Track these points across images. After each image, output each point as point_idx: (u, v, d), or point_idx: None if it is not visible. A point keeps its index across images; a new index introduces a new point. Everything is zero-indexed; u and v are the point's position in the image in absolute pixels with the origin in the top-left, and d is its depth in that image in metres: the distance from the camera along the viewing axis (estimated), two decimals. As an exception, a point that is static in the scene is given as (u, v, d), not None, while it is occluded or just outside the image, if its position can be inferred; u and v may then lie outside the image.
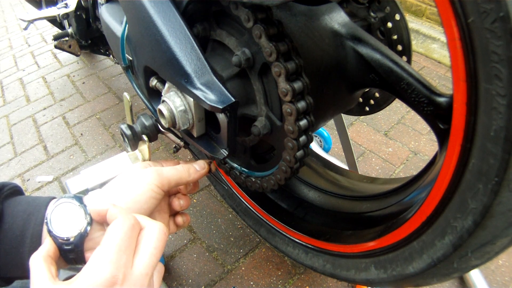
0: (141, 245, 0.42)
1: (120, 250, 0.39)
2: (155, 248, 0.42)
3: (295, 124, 0.51)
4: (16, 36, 2.64)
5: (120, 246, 0.40)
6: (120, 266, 0.38)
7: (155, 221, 0.45)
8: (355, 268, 0.62)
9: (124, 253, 0.40)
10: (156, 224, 0.44)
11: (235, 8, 0.48)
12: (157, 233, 0.43)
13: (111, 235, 0.40)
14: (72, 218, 0.45)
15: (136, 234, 0.43)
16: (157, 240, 0.43)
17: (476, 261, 0.43)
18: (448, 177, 0.40)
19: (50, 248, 0.42)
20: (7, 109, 1.86)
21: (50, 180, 1.40)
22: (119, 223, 0.42)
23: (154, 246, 0.42)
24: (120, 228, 0.41)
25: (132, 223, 0.42)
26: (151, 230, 0.44)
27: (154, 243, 0.42)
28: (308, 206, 0.82)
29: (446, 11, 0.32)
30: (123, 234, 0.41)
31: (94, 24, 1.32)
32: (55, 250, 0.43)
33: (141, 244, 0.42)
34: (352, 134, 1.46)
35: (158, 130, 0.67)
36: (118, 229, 0.41)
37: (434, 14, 1.95)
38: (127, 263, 0.39)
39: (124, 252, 0.40)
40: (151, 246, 0.42)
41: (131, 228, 0.42)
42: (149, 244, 0.42)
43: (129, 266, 0.39)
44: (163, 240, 0.44)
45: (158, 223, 0.45)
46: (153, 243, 0.42)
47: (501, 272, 0.98)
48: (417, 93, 0.52)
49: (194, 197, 1.25)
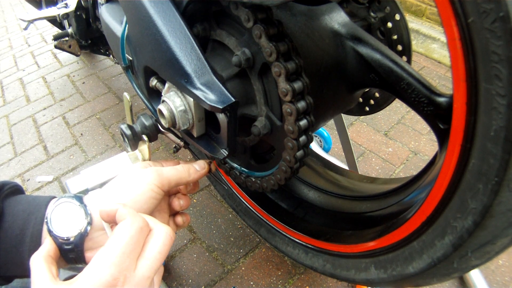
0: (147, 248, 0.42)
1: (124, 253, 0.39)
2: (159, 252, 0.42)
3: (295, 124, 0.51)
4: (16, 36, 2.64)
5: (125, 249, 0.39)
6: (122, 269, 0.38)
7: (163, 224, 0.45)
8: (355, 268, 0.62)
9: (129, 256, 0.40)
10: (163, 228, 0.44)
11: (235, 8, 0.48)
12: (163, 237, 0.43)
13: (118, 236, 0.40)
14: (72, 218, 0.45)
15: (144, 237, 0.42)
16: (163, 245, 0.43)
17: (476, 261, 0.43)
18: (448, 177, 0.40)
19: (51, 248, 0.42)
20: (7, 109, 1.86)
21: (50, 180, 1.40)
22: (128, 224, 0.41)
23: (159, 250, 0.42)
24: (128, 230, 0.41)
25: (140, 226, 0.42)
26: (158, 234, 0.43)
27: (160, 247, 0.42)
28: (308, 206, 0.82)
29: (446, 11, 0.32)
30: (130, 237, 0.40)
31: (94, 24, 1.32)
32: (56, 250, 0.43)
33: (147, 247, 0.42)
34: (352, 134, 1.46)
35: (158, 130, 0.67)
36: (126, 231, 0.41)
37: (434, 14, 1.95)
38: (130, 265, 0.39)
39: (128, 256, 0.40)
40: (156, 250, 0.42)
41: (138, 231, 0.42)
42: (154, 248, 0.42)
43: (131, 269, 0.39)
44: (169, 245, 0.44)
45: (165, 227, 0.44)
46: (158, 248, 0.42)
47: (501, 272, 0.98)
48: (417, 93, 0.52)
49: (194, 197, 1.25)
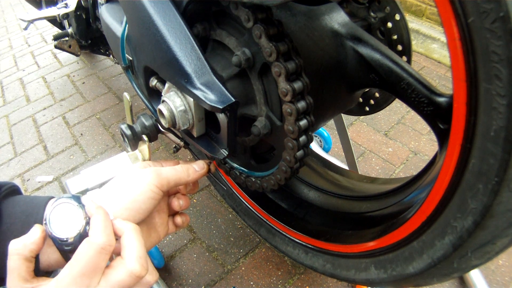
0: (110, 272, 0.41)
1: (83, 275, 0.39)
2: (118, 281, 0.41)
3: (295, 124, 0.51)
4: (16, 36, 2.64)
5: (84, 271, 0.39)
6: None
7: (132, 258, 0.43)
8: (355, 268, 0.62)
9: (88, 276, 0.39)
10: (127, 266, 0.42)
11: (235, 8, 0.48)
12: (123, 274, 0.41)
13: (78, 257, 0.40)
14: (71, 219, 0.45)
15: (106, 256, 0.41)
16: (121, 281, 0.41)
17: (476, 261, 0.43)
18: (448, 177, 0.40)
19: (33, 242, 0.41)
20: (7, 109, 1.86)
21: (50, 180, 1.40)
22: (88, 244, 0.41)
23: (118, 282, 0.41)
24: (87, 250, 0.40)
25: (100, 247, 0.41)
26: (120, 267, 0.42)
27: (118, 281, 0.41)
28: (308, 206, 0.82)
29: (446, 11, 0.32)
30: (88, 258, 0.40)
31: (94, 24, 1.32)
32: (39, 243, 0.42)
33: (110, 271, 0.41)
34: (352, 134, 1.46)
35: (158, 130, 0.67)
36: (85, 252, 0.40)
37: (434, 14, 1.95)
38: (91, 285, 0.39)
39: (87, 276, 0.39)
40: (115, 280, 0.41)
41: (98, 251, 0.40)
42: (114, 278, 0.41)
43: None
44: (130, 282, 0.42)
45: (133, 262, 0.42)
46: (116, 281, 0.41)
47: (501, 272, 0.98)
48: (417, 93, 0.52)
49: (194, 197, 1.25)
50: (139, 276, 0.42)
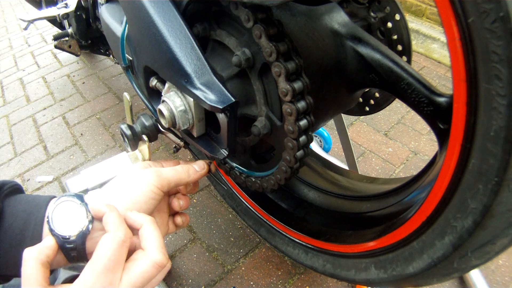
0: (131, 265, 0.42)
1: (108, 270, 0.39)
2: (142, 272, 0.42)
3: (295, 124, 0.51)
4: (16, 36, 2.64)
5: (108, 266, 0.40)
6: (107, 283, 0.39)
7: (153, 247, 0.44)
8: (355, 268, 0.62)
9: (112, 271, 0.40)
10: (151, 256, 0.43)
11: (235, 8, 0.48)
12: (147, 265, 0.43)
13: (100, 253, 0.41)
14: (73, 217, 0.45)
15: (126, 249, 0.42)
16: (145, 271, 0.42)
17: (476, 261, 0.43)
18: (448, 177, 0.40)
19: (49, 249, 0.42)
20: (7, 109, 1.86)
21: (50, 180, 1.40)
22: (109, 239, 0.41)
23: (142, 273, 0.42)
24: (109, 245, 0.41)
25: (122, 239, 0.42)
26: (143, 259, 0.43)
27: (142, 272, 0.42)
28: (308, 206, 0.82)
29: (446, 11, 0.32)
30: (111, 253, 0.40)
31: (94, 24, 1.32)
32: (54, 250, 0.43)
33: (131, 265, 0.42)
34: (352, 134, 1.46)
35: (158, 130, 0.67)
36: (107, 246, 0.41)
37: (434, 14, 1.95)
38: (114, 280, 0.40)
39: (111, 271, 0.40)
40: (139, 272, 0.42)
41: (120, 245, 0.41)
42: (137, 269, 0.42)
43: (115, 284, 0.40)
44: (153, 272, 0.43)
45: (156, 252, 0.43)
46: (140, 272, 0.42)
47: (501, 272, 0.98)
48: (417, 93, 0.52)
49: (194, 197, 1.25)
50: (163, 265, 0.43)
